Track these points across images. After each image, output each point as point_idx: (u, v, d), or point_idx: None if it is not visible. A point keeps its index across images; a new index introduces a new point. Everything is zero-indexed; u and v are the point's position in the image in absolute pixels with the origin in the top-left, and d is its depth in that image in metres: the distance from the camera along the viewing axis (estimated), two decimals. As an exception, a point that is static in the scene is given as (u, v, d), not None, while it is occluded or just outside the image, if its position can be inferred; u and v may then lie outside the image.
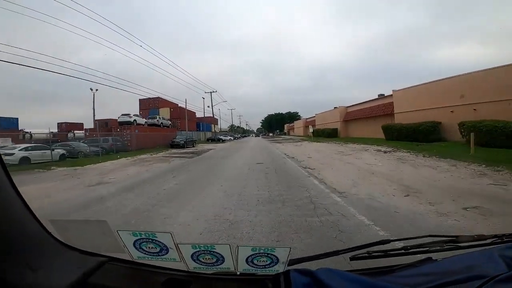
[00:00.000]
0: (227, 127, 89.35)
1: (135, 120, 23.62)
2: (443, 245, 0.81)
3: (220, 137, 46.49)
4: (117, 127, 22.18)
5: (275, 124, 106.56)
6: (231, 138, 54.12)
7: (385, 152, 13.02)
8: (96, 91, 28.44)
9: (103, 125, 27.28)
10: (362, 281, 0.61)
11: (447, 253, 0.81)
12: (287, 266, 0.69)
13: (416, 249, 0.81)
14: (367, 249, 0.81)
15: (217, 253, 0.68)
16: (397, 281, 0.64)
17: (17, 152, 13.04)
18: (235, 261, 0.68)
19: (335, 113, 33.99)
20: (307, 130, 52.90)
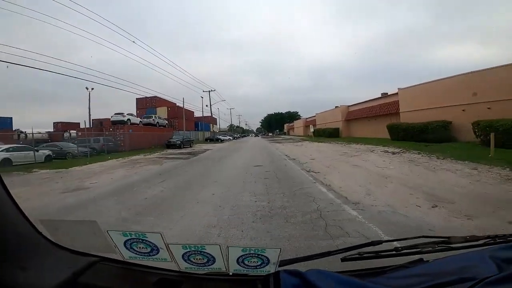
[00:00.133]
0: (226, 127, 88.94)
1: (128, 120, 22.57)
2: (435, 246, 0.80)
3: (219, 137, 45.63)
4: (110, 127, 21.22)
5: (275, 124, 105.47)
6: (230, 138, 53.46)
7: (393, 153, 12.13)
8: (92, 90, 27.98)
9: (98, 124, 26.53)
10: (352, 282, 0.61)
11: (440, 254, 0.79)
12: (278, 267, 0.69)
13: (407, 250, 0.80)
14: (359, 250, 0.80)
15: (208, 253, 0.68)
16: (387, 283, 0.63)
17: (-3, 153, 12.19)
18: (226, 261, 0.68)
19: (337, 112, 33.02)
20: (307, 130, 52.12)
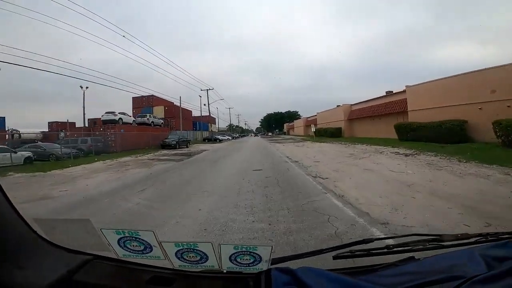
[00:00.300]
0: (225, 127, 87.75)
1: (120, 119, 21.32)
2: (426, 244, 0.80)
3: (217, 136, 44.48)
4: (101, 126, 20.05)
5: (274, 124, 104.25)
6: (229, 138, 52.32)
7: (406, 155, 11.04)
8: (87, 88, 26.86)
9: (92, 124, 25.38)
10: (342, 280, 0.61)
11: (431, 252, 0.78)
12: (270, 264, 0.69)
13: (399, 248, 0.80)
14: (350, 248, 0.79)
15: (200, 251, 0.68)
16: (378, 281, 0.62)
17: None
18: (218, 259, 0.68)
19: (339, 112, 31.89)
20: (308, 130, 50.96)
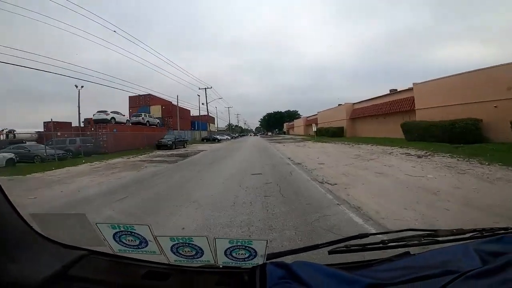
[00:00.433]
0: (225, 126, 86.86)
1: (113, 118, 20.34)
2: (421, 239, 0.80)
3: (216, 136, 43.51)
4: (92, 126, 19.08)
5: (274, 123, 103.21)
6: (228, 138, 51.40)
7: (418, 156, 10.14)
8: (82, 88, 26.09)
9: (86, 124, 24.53)
10: (337, 274, 0.61)
11: (426, 247, 0.78)
12: (266, 259, 0.68)
13: (394, 243, 0.80)
14: (346, 243, 0.79)
15: (196, 245, 0.67)
16: (372, 275, 0.62)
17: None
18: (214, 254, 0.68)
19: (341, 110, 30.96)
20: (308, 129, 49.96)
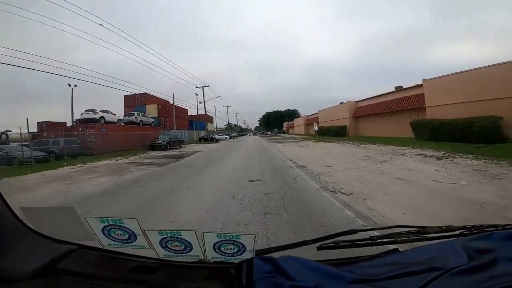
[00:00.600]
0: (224, 126, 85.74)
1: (102, 117, 19.20)
2: (410, 236, 0.80)
3: (214, 136, 42.37)
4: (79, 126, 17.93)
5: (274, 122, 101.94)
6: (227, 138, 50.34)
7: (438, 158, 9.02)
8: (75, 87, 25.17)
9: (78, 124, 23.49)
10: (323, 269, 0.62)
11: (415, 244, 0.78)
12: (254, 255, 0.69)
13: (382, 240, 0.80)
14: (334, 239, 0.79)
15: (184, 239, 0.67)
16: (359, 271, 0.63)
17: None
18: (202, 248, 0.68)
19: (343, 109, 29.83)
20: (309, 128, 48.88)
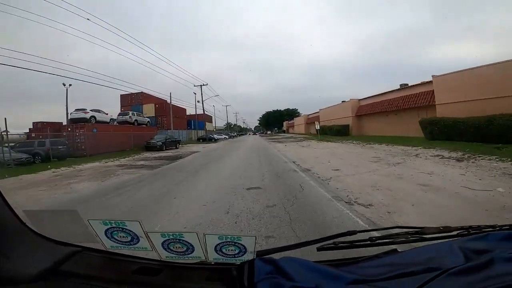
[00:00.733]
0: (223, 125, 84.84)
1: (93, 117, 18.20)
2: (408, 236, 0.80)
3: (213, 136, 41.47)
4: (69, 126, 16.95)
5: (273, 122, 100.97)
6: (226, 137, 49.44)
7: (458, 160, 8.11)
8: (70, 86, 24.29)
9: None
10: (323, 270, 0.62)
11: (414, 245, 0.79)
12: (255, 256, 0.69)
13: (381, 240, 0.80)
14: (334, 240, 0.79)
15: (186, 241, 0.68)
16: (358, 272, 0.63)
17: None
18: (204, 250, 0.68)
19: (346, 107, 28.89)
20: (309, 128, 47.88)
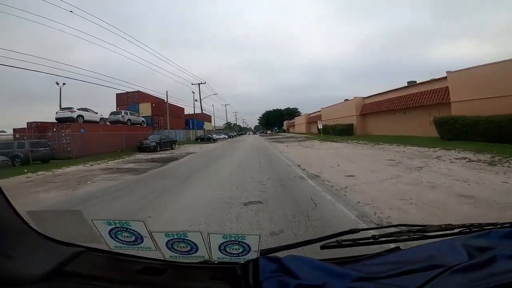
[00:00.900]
0: (222, 125, 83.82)
1: (80, 116, 17.01)
2: (411, 234, 0.81)
3: (212, 136, 40.27)
4: (53, 126, 15.79)
5: (274, 121, 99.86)
6: (225, 137, 48.22)
7: (489, 163, 7.00)
8: (64, 85, 23.19)
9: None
10: (327, 268, 0.62)
11: (416, 242, 0.79)
12: (259, 254, 0.69)
13: (384, 238, 0.80)
14: (337, 238, 0.80)
15: (190, 241, 0.68)
16: (361, 269, 0.63)
17: None
18: (208, 249, 0.68)
19: (350, 106, 27.77)
20: (310, 127, 46.75)
